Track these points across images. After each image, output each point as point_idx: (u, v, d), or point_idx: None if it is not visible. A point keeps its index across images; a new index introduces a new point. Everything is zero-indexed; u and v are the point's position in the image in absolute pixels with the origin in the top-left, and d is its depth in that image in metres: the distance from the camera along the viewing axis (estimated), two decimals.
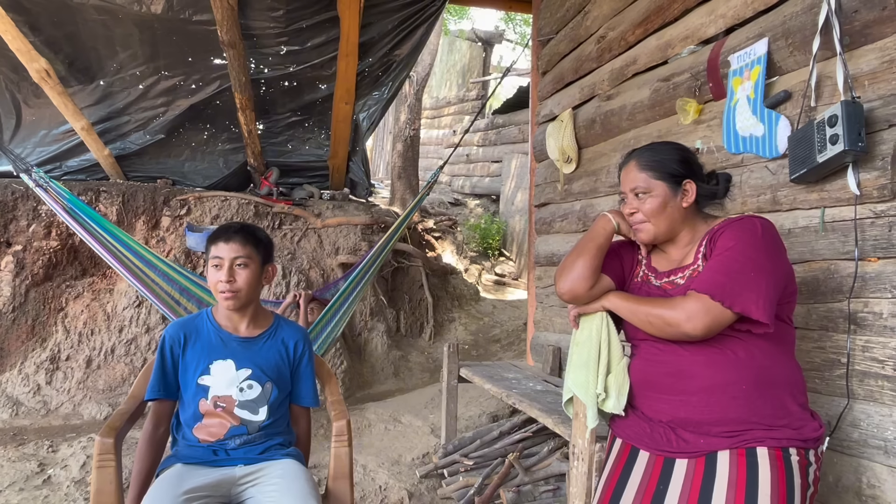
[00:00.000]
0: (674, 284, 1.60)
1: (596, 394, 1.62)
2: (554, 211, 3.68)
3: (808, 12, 1.89)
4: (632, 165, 1.64)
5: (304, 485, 1.69)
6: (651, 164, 1.61)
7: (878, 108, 1.69)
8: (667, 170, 1.60)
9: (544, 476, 2.83)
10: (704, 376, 1.48)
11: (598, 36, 3.22)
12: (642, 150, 1.68)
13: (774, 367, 1.48)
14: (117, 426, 1.74)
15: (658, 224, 1.61)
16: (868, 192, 1.71)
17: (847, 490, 1.77)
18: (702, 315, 1.42)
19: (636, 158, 1.64)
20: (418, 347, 5.44)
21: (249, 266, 1.80)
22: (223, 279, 1.76)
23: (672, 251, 1.65)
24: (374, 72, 5.09)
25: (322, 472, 3.09)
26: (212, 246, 1.80)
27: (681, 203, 1.60)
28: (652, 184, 1.60)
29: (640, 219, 1.63)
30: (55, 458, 3.14)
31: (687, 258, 1.62)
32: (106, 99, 4.76)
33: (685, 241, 1.63)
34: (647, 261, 1.73)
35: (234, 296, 1.79)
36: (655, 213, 1.60)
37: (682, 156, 1.65)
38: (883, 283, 1.69)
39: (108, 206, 4.46)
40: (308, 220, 5.05)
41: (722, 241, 1.50)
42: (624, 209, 1.67)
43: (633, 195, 1.63)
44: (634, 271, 1.74)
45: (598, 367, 1.63)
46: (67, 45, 4.41)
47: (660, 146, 1.69)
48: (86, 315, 4.24)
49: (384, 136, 14.14)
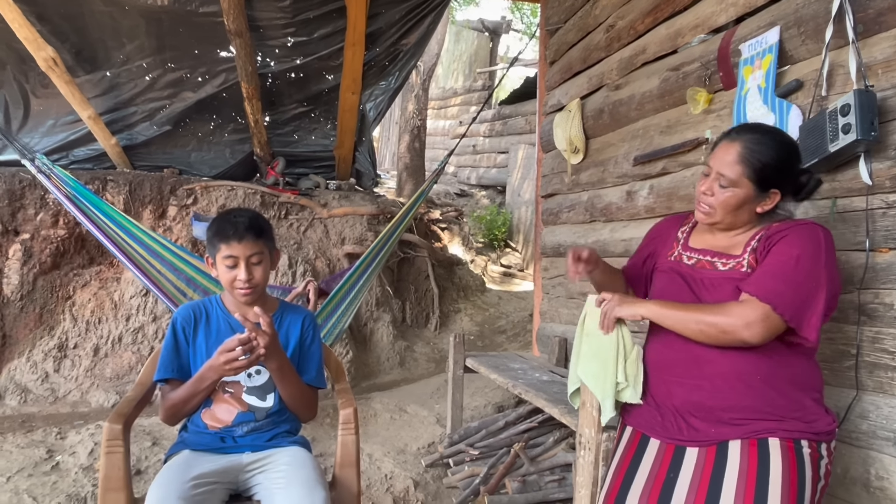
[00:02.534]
0: (712, 266, 1.58)
1: (615, 383, 1.61)
2: (561, 202, 3.67)
3: (821, 0, 1.87)
4: (734, 148, 1.52)
5: (311, 472, 1.69)
6: (751, 160, 1.49)
7: (891, 98, 1.67)
8: (762, 174, 1.50)
9: (550, 466, 2.84)
10: (721, 363, 1.47)
11: (606, 25, 3.19)
12: (751, 135, 1.54)
13: (792, 362, 1.47)
14: (125, 413, 1.75)
15: (724, 217, 1.55)
16: (880, 182, 1.69)
17: (855, 482, 1.77)
18: (761, 324, 1.38)
19: (743, 145, 1.51)
20: (424, 338, 5.45)
21: (263, 261, 1.80)
22: (243, 278, 1.76)
23: (718, 234, 1.62)
24: (381, 61, 5.07)
25: (329, 459, 3.11)
26: (221, 244, 1.76)
27: (756, 207, 1.54)
28: (742, 181, 1.50)
29: (710, 203, 1.55)
30: (63, 445, 3.16)
31: (733, 247, 1.57)
32: (112, 90, 4.76)
33: (735, 232, 1.59)
34: (685, 239, 1.71)
35: (253, 290, 1.79)
36: (727, 208, 1.54)
37: (783, 161, 1.52)
38: (894, 274, 1.68)
39: (115, 195, 4.47)
40: (314, 210, 5.05)
41: (784, 247, 1.45)
42: (702, 182, 1.58)
43: (717, 177, 1.54)
44: (669, 251, 1.72)
45: (619, 358, 1.61)
46: (74, 35, 4.41)
47: (769, 138, 1.54)
48: (93, 303, 4.26)
49: (390, 126, 14.12)
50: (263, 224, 1.85)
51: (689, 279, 1.60)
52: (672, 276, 1.64)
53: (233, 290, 1.80)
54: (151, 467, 2.97)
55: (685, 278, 1.61)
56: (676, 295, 1.60)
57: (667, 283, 1.66)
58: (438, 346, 5.34)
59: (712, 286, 1.55)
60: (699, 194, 1.58)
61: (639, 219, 2.88)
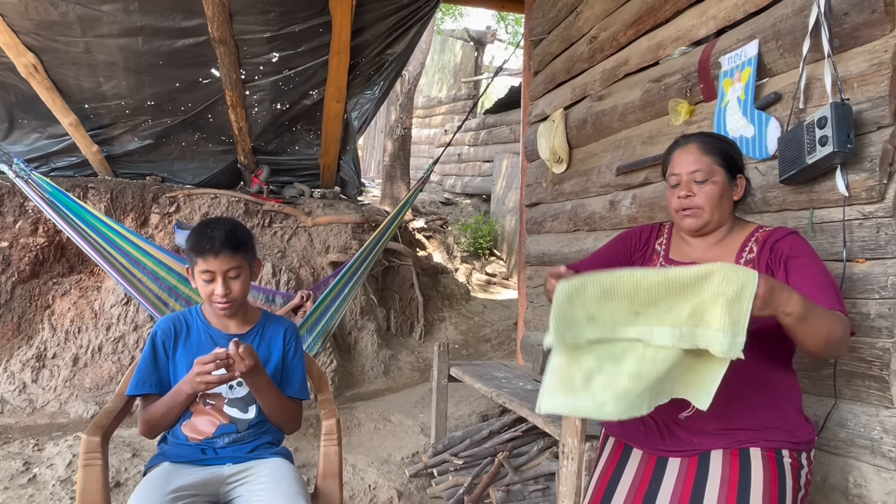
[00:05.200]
0: None
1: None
2: (545, 211, 3.69)
3: (799, 14, 1.90)
4: (692, 148, 1.57)
5: (292, 484, 1.68)
6: (715, 150, 1.56)
7: (866, 111, 1.70)
8: (728, 158, 1.56)
9: (534, 475, 2.84)
10: None
11: (589, 36, 3.22)
12: (701, 134, 1.63)
13: (773, 372, 1.49)
14: (104, 424, 1.72)
15: (713, 212, 1.56)
16: (856, 193, 1.72)
17: (834, 489, 1.79)
18: (848, 333, 1.34)
19: (698, 142, 1.58)
20: (408, 346, 5.44)
21: (241, 274, 1.77)
22: (220, 293, 1.73)
23: (699, 245, 1.62)
24: (366, 71, 5.07)
25: (312, 470, 3.08)
26: (198, 258, 1.73)
27: (732, 196, 1.58)
28: (715, 169, 1.54)
29: (696, 204, 1.55)
30: (41, 457, 3.10)
31: (722, 258, 1.57)
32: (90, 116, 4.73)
33: (716, 239, 1.60)
34: (665, 251, 1.70)
35: (231, 305, 1.77)
36: (712, 201, 1.55)
37: (735, 147, 1.62)
38: (870, 284, 1.70)
39: (97, 202, 4.42)
40: (298, 219, 5.03)
41: (798, 258, 1.46)
42: (674, 193, 1.59)
43: (691, 179, 1.56)
44: (650, 264, 1.70)
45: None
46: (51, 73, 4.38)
47: (712, 134, 1.63)
48: (73, 312, 4.20)
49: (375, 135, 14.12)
50: (242, 236, 1.80)
51: None
52: None
53: (211, 304, 1.78)
54: (131, 479, 2.93)
55: None
56: None
57: None
58: (423, 355, 5.33)
59: None
60: (677, 202, 1.58)
61: (622, 228, 2.90)
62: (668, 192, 1.63)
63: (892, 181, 1.68)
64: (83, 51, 4.26)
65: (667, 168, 1.63)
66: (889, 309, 1.66)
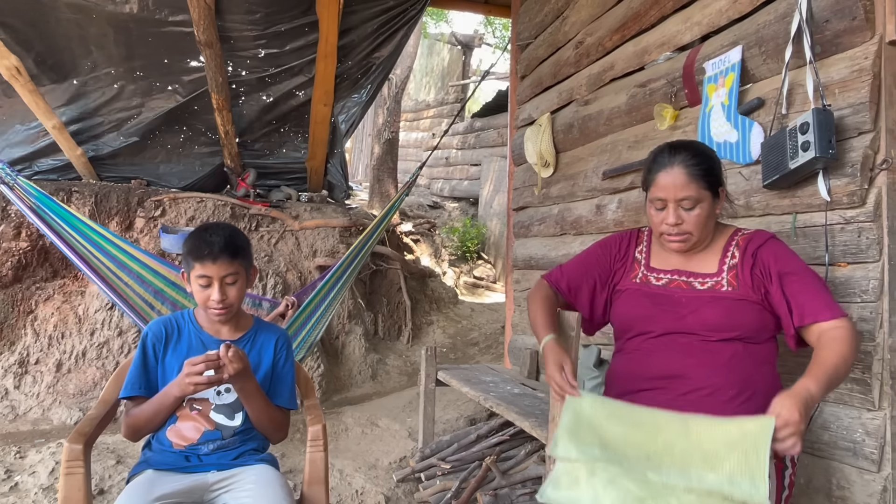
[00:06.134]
0: (688, 285, 1.60)
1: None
2: (532, 214, 3.70)
3: (781, 21, 1.92)
4: (679, 172, 1.54)
5: (278, 490, 1.67)
6: (701, 174, 1.54)
7: (847, 116, 1.72)
8: (711, 180, 1.56)
9: (521, 479, 2.83)
10: (696, 378, 1.50)
11: (576, 41, 3.24)
12: (685, 152, 1.57)
13: (758, 375, 1.51)
14: (87, 432, 1.70)
15: (700, 235, 1.58)
16: (838, 198, 1.74)
17: (818, 491, 1.80)
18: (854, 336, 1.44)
19: (685, 166, 1.54)
20: (396, 351, 5.42)
21: (238, 280, 1.76)
22: (216, 298, 1.72)
23: (681, 253, 1.65)
24: (354, 74, 5.07)
25: (298, 476, 3.06)
26: (196, 263, 1.72)
27: (716, 211, 1.60)
28: (702, 194, 1.54)
29: (685, 230, 1.56)
30: (23, 465, 3.06)
31: (705, 265, 1.60)
32: (79, 99, 4.66)
33: (698, 248, 1.63)
34: (646, 259, 1.72)
35: (227, 311, 1.76)
36: (701, 225, 1.56)
37: (717, 161, 1.62)
38: (852, 288, 1.72)
39: (81, 206, 4.37)
40: (285, 223, 5.01)
41: (785, 264, 1.51)
42: (659, 215, 1.59)
43: (679, 205, 1.55)
44: (631, 273, 1.72)
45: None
46: (40, 43, 4.31)
47: (701, 148, 1.61)
48: (56, 318, 4.15)
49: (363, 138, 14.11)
50: (240, 242, 1.80)
51: (663, 300, 1.62)
52: (638, 298, 1.67)
53: (206, 310, 1.77)
54: (115, 487, 2.90)
55: (655, 299, 1.63)
56: (647, 316, 1.63)
57: (633, 305, 1.68)
58: (411, 359, 5.32)
59: (692, 305, 1.58)
60: (665, 227, 1.58)
61: (608, 232, 2.92)
62: (651, 210, 1.63)
63: (872, 186, 1.70)
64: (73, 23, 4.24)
65: (649, 184, 1.62)
66: (871, 312, 1.68)
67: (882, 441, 1.65)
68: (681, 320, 1.57)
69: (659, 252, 1.70)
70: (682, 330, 1.57)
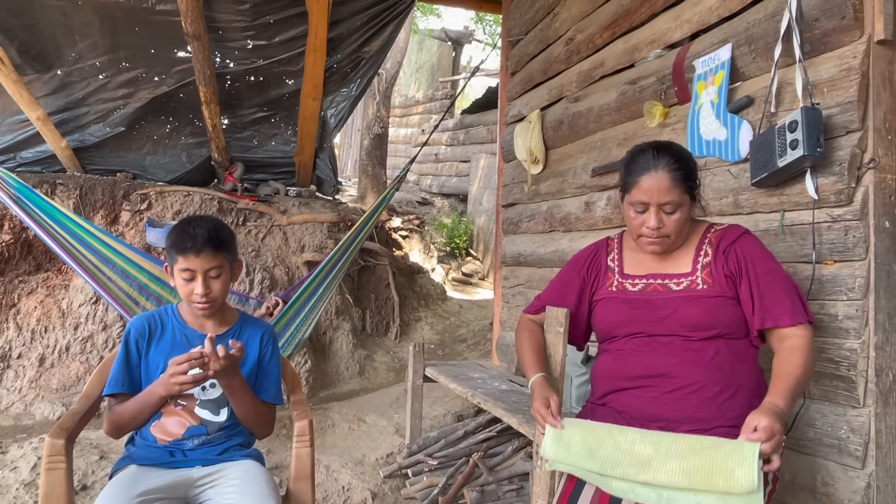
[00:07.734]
0: (664, 287, 1.61)
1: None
2: (521, 211, 3.70)
3: (771, 19, 1.93)
4: (663, 177, 1.54)
5: (263, 486, 1.65)
6: (682, 178, 1.55)
7: (836, 115, 1.73)
8: (690, 184, 1.57)
9: (508, 475, 2.84)
10: (680, 376, 1.51)
11: (566, 38, 3.24)
12: (671, 157, 1.57)
13: (741, 371, 1.52)
14: (68, 427, 1.68)
15: (678, 237, 1.59)
16: (825, 196, 1.75)
17: (802, 488, 1.81)
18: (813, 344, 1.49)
19: (668, 170, 1.54)
20: (384, 347, 5.41)
21: (222, 274, 1.75)
22: (200, 292, 1.70)
23: (652, 255, 1.66)
24: (343, 68, 5.04)
25: (284, 472, 3.04)
26: (179, 256, 1.70)
27: (692, 212, 1.61)
28: (683, 198, 1.55)
29: (665, 233, 1.57)
30: (4, 460, 3.02)
31: (679, 266, 1.61)
32: (64, 88, 4.60)
33: (672, 248, 1.64)
34: (619, 266, 1.72)
35: (211, 305, 1.74)
36: (680, 227, 1.57)
37: (694, 163, 1.63)
38: (839, 285, 1.73)
39: (65, 199, 4.32)
40: (273, 217, 4.98)
41: (755, 263, 1.54)
42: (638, 217, 1.59)
43: (660, 209, 1.55)
44: (606, 282, 1.72)
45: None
46: (23, 32, 4.25)
47: (682, 152, 1.61)
48: (39, 311, 4.10)
49: (352, 133, 14.04)
50: (224, 235, 1.78)
51: (641, 304, 1.63)
52: (616, 305, 1.68)
53: (190, 304, 1.75)
54: (98, 482, 2.87)
55: (633, 304, 1.64)
56: (626, 321, 1.64)
57: (612, 313, 1.69)
58: (399, 355, 5.30)
59: (670, 306, 1.59)
60: (645, 230, 1.59)
61: (597, 229, 2.92)
62: (630, 213, 1.62)
63: (859, 185, 1.71)
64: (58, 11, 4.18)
65: (630, 186, 1.61)
66: (856, 310, 1.69)
67: (866, 438, 1.66)
68: (660, 323, 1.58)
69: (632, 257, 1.71)
70: (662, 332, 1.58)
